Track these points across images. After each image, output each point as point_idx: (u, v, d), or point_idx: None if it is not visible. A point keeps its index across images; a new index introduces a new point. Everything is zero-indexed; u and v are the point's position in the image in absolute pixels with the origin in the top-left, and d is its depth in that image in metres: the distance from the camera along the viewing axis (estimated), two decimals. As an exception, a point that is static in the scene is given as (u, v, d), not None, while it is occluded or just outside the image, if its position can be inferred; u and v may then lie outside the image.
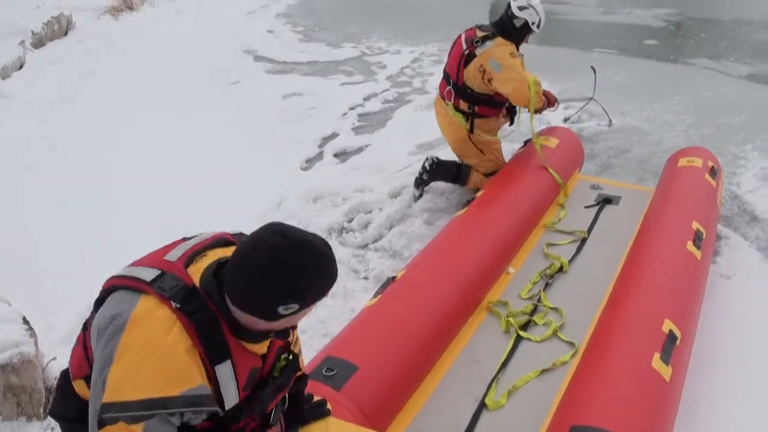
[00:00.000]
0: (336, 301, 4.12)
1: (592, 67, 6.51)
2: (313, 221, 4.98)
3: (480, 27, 4.91)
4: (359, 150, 6.53)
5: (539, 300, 3.74)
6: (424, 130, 6.74)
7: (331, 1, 15.43)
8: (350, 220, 5.06)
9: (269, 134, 6.83)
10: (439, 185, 5.36)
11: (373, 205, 5.24)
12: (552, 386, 3.07)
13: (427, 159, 5.19)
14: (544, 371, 3.19)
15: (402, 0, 15.10)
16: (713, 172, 4.67)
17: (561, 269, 4.01)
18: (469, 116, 5.00)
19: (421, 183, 5.25)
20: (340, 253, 4.57)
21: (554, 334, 3.45)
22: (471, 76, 4.84)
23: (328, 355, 2.82)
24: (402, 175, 5.71)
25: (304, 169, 6.13)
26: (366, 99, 8.12)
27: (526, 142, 5.25)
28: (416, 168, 5.39)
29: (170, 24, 12.70)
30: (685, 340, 3.05)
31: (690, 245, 3.70)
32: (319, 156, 6.41)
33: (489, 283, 3.79)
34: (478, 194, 4.57)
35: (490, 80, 4.78)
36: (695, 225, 3.90)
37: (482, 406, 3.00)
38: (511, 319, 3.53)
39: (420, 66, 9.65)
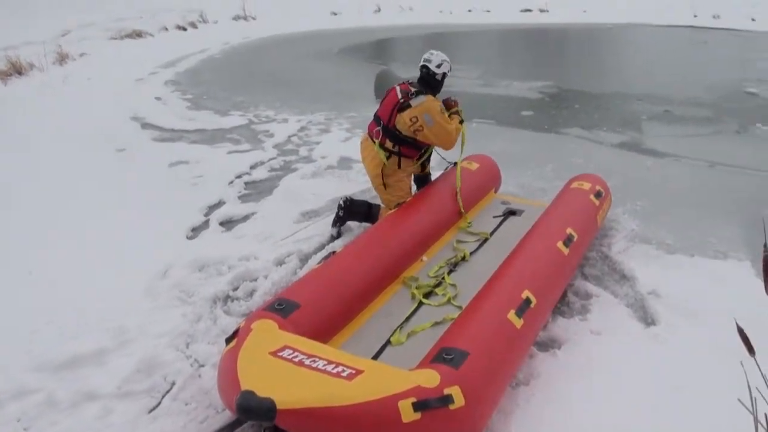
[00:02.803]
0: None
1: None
2: (198, 290, 4.96)
3: (410, 83, 5.79)
4: (245, 218, 6.54)
5: (443, 278, 4.88)
6: (310, 197, 6.90)
7: (220, 71, 15.57)
8: (235, 289, 5.05)
9: (155, 203, 6.78)
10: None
11: (258, 272, 5.26)
12: (440, 332, 3.86)
13: (341, 198, 5.98)
14: (436, 323, 4.30)
15: (289, 73, 15.40)
16: (598, 193, 5.79)
17: (464, 258, 5.22)
18: (393, 154, 5.77)
19: (337, 221, 5.98)
20: (225, 321, 4.57)
21: (448, 301, 4.60)
22: (402, 121, 5.60)
23: (279, 296, 3.96)
24: (287, 242, 5.81)
25: (189, 237, 6.09)
26: (252, 167, 8.19)
27: (452, 164, 6.25)
28: (301, 236, 5.81)
29: (59, 89, 12.54)
30: (540, 306, 4.07)
31: (560, 244, 4.76)
32: (205, 224, 6.38)
33: (406, 265, 5.00)
34: (407, 199, 5.69)
35: (417, 130, 5.57)
36: (569, 230, 4.96)
37: (388, 342, 4.12)
38: (416, 290, 4.68)
39: (307, 135, 9.81)
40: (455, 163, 6.21)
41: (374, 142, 5.80)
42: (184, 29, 23.19)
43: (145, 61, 16.30)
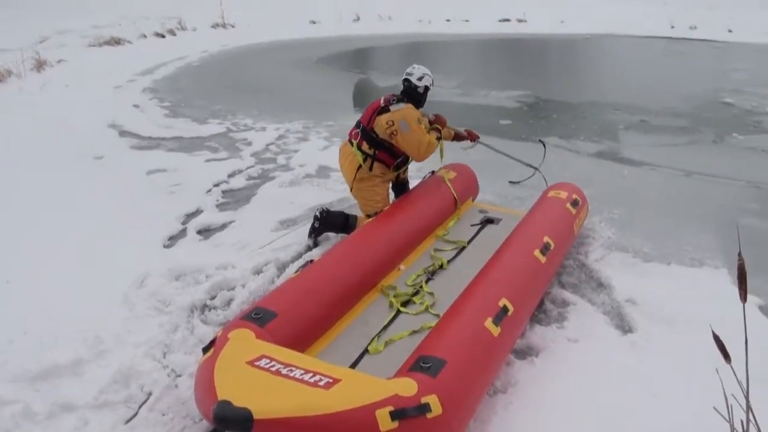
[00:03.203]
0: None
1: (540, 141, 7.47)
2: (175, 299, 4.91)
3: (394, 95, 5.87)
4: (222, 227, 6.50)
5: (420, 287, 4.90)
6: (287, 206, 6.89)
7: (198, 79, 15.51)
8: (213, 298, 5.00)
9: (132, 211, 6.72)
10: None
11: (235, 281, 5.23)
12: (418, 341, 3.83)
13: (318, 209, 5.97)
14: (413, 332, 4.31)
15: (267, 81, 15.37)
16: (575, 202, 5.84)
17: (441, 267, 5.25)
18: (369, 157, 5.83)
19: (313, 232, 5.94)
20: (202, 331, 4.53)
21: (426, 309, 4.62)
22: (380, 124, 5.71)
23: (257, 305, 3.94)
24: (265, 251, 5.79)
25: (166, 246, 6.04)
26: (230, 175, 8.14)
27: (431, 173, 6.51)
28: (278, 244, 5.80)
29: (36, 96, 12.46)
30: (517, 314, 4.08)
31: (537, 252, 4.79)
32: (182, 233, 6.33)
33: (383, 274, 5.00)
34: (386, 207, 5.75)
35: (392, 134, 5.67)
36: (546, 239, 4.98)
37: (365, 351, 4.13)
38: (393, 299, 4.69)
39: (285, 143, 9.78)
40: (433, 171, 6.27)
41: (352, 144, 5.88)
42: (163, 36, 23.08)
43: (123, 68, 16.21)
